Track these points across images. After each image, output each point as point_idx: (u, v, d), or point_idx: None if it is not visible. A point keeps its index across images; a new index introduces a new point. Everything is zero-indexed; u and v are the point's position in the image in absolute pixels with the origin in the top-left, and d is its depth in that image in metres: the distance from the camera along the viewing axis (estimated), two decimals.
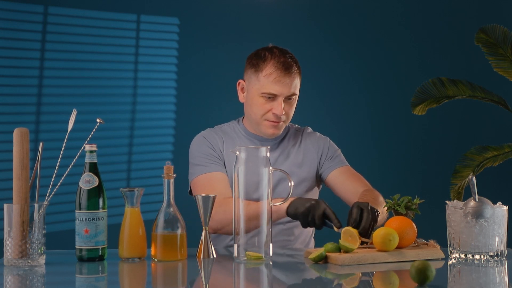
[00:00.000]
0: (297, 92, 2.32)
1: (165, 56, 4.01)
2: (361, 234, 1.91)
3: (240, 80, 2.37)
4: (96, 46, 3.92)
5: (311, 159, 2.40)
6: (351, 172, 2.39)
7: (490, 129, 4.03)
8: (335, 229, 1.94)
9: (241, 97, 2.37)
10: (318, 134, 2.48)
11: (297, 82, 2.30)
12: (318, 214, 1.96)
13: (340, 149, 2.47)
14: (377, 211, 1.99)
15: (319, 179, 2.43)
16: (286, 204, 2.04)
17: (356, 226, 1.92)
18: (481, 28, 3.60)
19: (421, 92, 3.63)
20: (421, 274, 1.53)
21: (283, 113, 2.27)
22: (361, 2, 4.08)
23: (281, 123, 2.31)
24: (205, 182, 2.27)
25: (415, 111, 3.65)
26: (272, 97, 2.26)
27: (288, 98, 2.28)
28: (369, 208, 1.94)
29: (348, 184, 2.35)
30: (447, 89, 3.63)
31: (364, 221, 1.91)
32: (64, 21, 3.90)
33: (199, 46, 3.99)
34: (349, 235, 1.88)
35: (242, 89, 2.36)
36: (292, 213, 2.02)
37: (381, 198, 2.26)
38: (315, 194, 2.44)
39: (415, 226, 1.91)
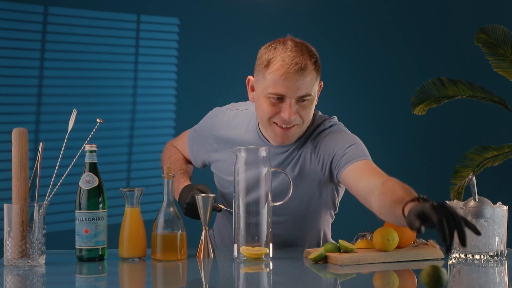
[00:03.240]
0: (313, 92, 2.01)
1: (165, 56, 4.01)
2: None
3: (250, 77, 2.09)
4: (96, 46, 3.92)
5: (315, 174, 2.08)
6: (366, 168, 1.98)
7: (490, 129, 4.03)
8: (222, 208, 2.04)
9: (251, 96, 2.09)
10: (327, 137, 2.09)
11: (312, 80, 1.99)
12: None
13: (357, 139, 2.10)
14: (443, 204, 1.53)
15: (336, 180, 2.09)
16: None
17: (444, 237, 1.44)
18: (481, 28, 3.60)
19: (421, 92, 3.63)
20: (435, 281, 1.43)
21: (292, 117, 1.97)
22: (362, 2, 4.08)
23: (292, 129, 2.01)
24: (183, 136, 2.40)
25: (415, 111, 3.65)
26: (280, 97, 1.97)
27: (301, 100, 1.98)
28: (439, 206, 1.47)
29: (360, 181, 1.94)
30: (447, 89, 3.63)
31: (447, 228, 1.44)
32: (64, 21, 3.90)
33: (199, 46, 3.99)
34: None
35: (252, 87, 2.08)
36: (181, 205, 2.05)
37: (407, 186, 1.78)
38: (331, 193, 2.15)
39: None
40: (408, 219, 1.51)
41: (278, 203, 1.93)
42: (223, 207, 2.08)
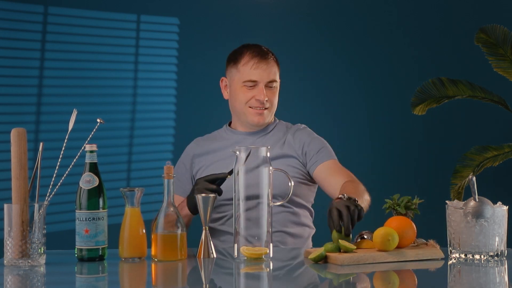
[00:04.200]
0: (277, 79, 2.42)
1: (165, 56, 4.01)
2: (346, 234, 1.86)
3: (223, 78, 2.50)
4: (96, 46, 3.92)
5: (292, 152, 2.40)
6: (337, 166, 2.37)
7: (490, 129, 4.03)
8: (228, 176, 2.05)
9: (225, 94, 2.50)
10: (304, 129, 2.49)
11: (275, 70, 2.42)
12: (207, 188, 2.07)
13: (327, 142, 2.45)
14: (356, 201, 1.92)
15: (310, 176, 2.42)
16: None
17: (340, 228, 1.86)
18: (481, 28, 3.60)
19: (421, 92, 3.63)
20: None
21: (266, 98, 2.37)
22: (362, 2, 4.08)
23: (265, 110, 2.40)
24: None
25: (415, 111, 3.66)
26: (253, 84, 2.38)
27: (269, 86, 2.39)
28: (347, 205, 1.87)
29: (331, 179, 2.33)
30: (447, 89, 3.63)
31: (345, 222, 1.85)
32: (64, 21, 3.90)
33: (199, 46, 3.99)
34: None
35: (225, 86, 2.49)
36: (192, 208, 2.17)
37: (362, 187, 2.25)
38: (312, 190, 2.46)
39: (414, 226, 1.91)
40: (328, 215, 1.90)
41: (278, 203, 1.94)
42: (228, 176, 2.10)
